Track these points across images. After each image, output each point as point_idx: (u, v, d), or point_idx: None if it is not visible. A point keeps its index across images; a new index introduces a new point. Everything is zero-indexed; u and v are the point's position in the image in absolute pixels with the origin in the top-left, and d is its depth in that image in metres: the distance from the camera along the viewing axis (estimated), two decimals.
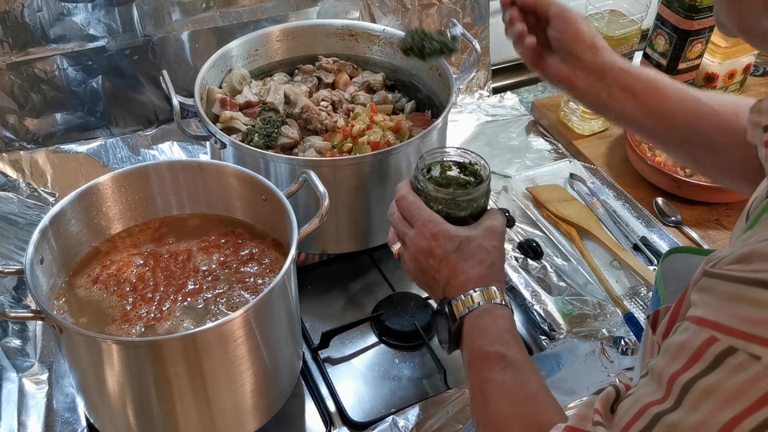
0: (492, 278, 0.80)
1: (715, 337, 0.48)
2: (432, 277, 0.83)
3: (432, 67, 1.24)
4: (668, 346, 0.52)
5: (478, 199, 0.86)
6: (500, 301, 0.78)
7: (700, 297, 0.52)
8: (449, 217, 0.84)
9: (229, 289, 0.91)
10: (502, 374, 0.72)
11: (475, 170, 0.89)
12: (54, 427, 0.94)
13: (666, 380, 0.50)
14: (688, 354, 0.49)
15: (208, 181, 0.99)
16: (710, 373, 0.47)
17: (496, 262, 0.82)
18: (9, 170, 1.29)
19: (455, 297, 0.79)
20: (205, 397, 0.83)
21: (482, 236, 0.83)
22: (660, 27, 1.48)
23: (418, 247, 0.84)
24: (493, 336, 0.75)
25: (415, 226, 0.84)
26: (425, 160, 0.89)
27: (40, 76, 1.28)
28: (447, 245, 0.81)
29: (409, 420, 0.94)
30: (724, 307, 0.49)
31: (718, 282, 0.50)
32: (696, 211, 1.31)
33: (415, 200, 0.85)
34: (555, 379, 0.99)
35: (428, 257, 0.83)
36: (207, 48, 1.34)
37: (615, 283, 1.16)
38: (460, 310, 0.78)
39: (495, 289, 0.79)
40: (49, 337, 1.04)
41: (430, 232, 0.82)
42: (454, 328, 0.78)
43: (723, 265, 0.51)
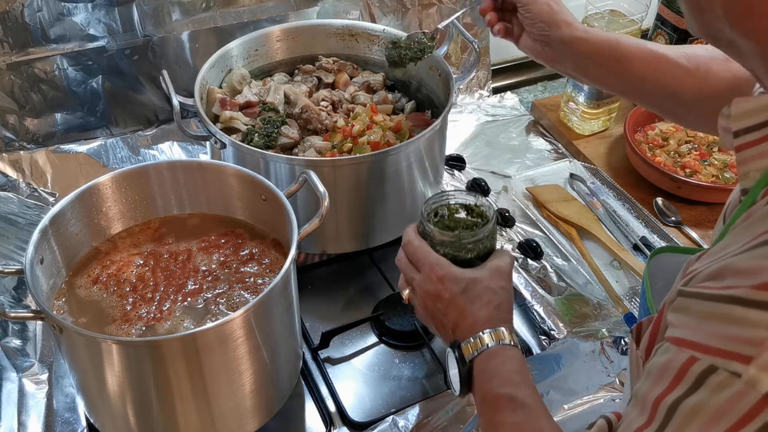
0: (500, 319, 0.79)
1: (695, 357, 0.48)
2: (440, 320, 0.82)
3: (432, 67, 1.24)
4: (650, 368, 0.52)
5: (484, 241, 0.84)
6: (509, 342, 0.77)
7: (676, 317, 0.52)
8: (456, 260, 0.83)
9: (229, 289, 0.91)
10: (513, 416, 0.71)
11: (480, 211, 0.88)
12: (54, 427, 0.94)
13: (650, 403, 0.50)
14: (670, 375, 0.49)
15: (208, 181, 0.99)
16: (693, 393, 0.47)
17: (503, 302, 0.81)
18: (9, 170, 1.29)
19: (464, 340, 0.78)
20: (205, 397, 0.83)
21: (489, 277, 0.82)
22: (660, 27, 1.48)
23: (426, 291, 0.83)
24: (502, 377, 0.74)
25: (422, 271, 0.84)
26: (430, 204, 0.88)
27: (40, 76, 1.28)
28: (453, 288, 0.80)
29: (409, 420, 0.94)
30: (701, 326, 0.49)
31: (693, 301, 0.51)
32: (696, 211, 1.31)
33: (421, 244, 0.85)
34: (555, 379, 0.99)
35: (436, 301, 0.82)
36: (207, 48, 1.34)
37: (615, 283, 1.16)
38: (470, 352, 0.77)
39: (504, 330, 0.77)
40: (49, 337, 1.04)
41: (437, 275, 0.81)
42: (464, 371, 0.77)
43: (696, 283, 0.51)
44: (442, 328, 0.83)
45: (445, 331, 0.82)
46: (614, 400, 0.97)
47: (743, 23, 0.54)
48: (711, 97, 0.89)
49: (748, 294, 0.46)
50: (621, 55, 0.94)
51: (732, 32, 0.55)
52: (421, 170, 1.13)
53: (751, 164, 0.54)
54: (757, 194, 0.53)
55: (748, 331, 0.46)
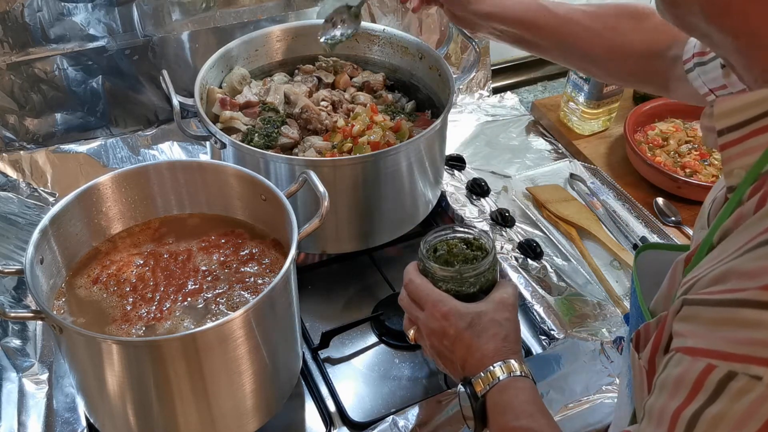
0: (509, 350, 0.78)
1: (712, 365, 0.47)
2: (448, 358, 0.82)
3: (432, 67, 1.24)
4: (663, 382, 0.51)
5: (486, 273, 0.84)
6: (520, 373, 0.76)
7: (685, 326, 0.51)
8: (459, 295, 0.83)
9: (229, 289, 0.91)
10: None
11: (480, 244, 0.87)
12: (54, 427, 0.94)
13: (668, 417, 0.49)
14: (687, 386, 0.48)
15: (208, 181, 0.99)
16: (714, 402, 0.46)
17: (510, 334, 0.80)
18: (9, 170, 1.29)
19: (474, 375, 0.77)
20: (205, 397, 0.83)
21: (494, 310, 0.81)
22: None
23: (431, 329, 0.82)
24: (516, 410, 0.74)
25: (425, 309, 0.83)
26: (429, 241, 0.88)
27: (40, 76, 1.28)
28: (459, 323, 0.80)
29: (409, 420, 0.94)
30: (713, 332, 0.48)
31: (701, 308, 0.50)
32: (696, 211, 1.29)
33: (422, 282, 0.84)
34: (555, 379, 0.99)
35: (442, 338, 0.81)
36: (207, 48, 1.34)
37: (615, 283, 1.16)
38: (481, 387, 0.76)
39: (513, 362, 0.77)
40: (49, 337, 1.04)
41: (440, 312, 0.81)
42: (477, 407, 0.76)
43: (700, 289, 0.51)
44: (451, 365, 0.82)
45: (454, 368, 0.82)
46: (614, 400, 0.97)
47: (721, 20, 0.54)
48: (621, 58, 0.96)
49: (757, 296, 0.46)
50: (528, 21, 1.00)
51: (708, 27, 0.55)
52: (421, 170, 1.14)
53: (735, 162, 0.54)
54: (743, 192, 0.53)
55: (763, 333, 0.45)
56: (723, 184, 0.59)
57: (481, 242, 0.87)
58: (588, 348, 1.03)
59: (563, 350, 1.03)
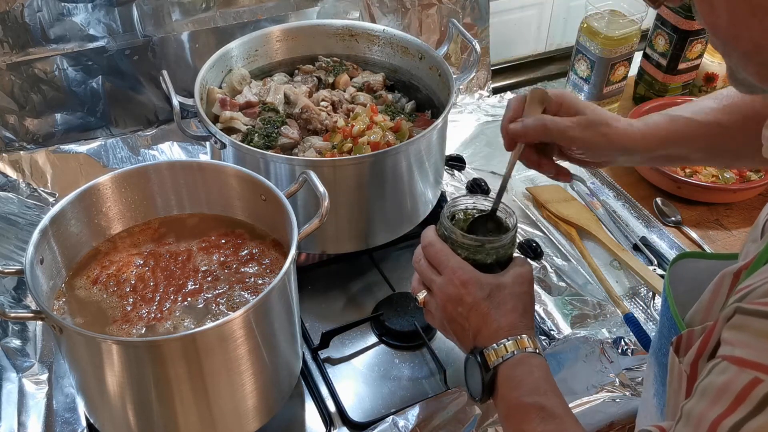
0: (524, 326, 0.78)
1: (759, 379, 0.46)
2: (461, 325, 0.81)
3: (432, 67, 1.24)
4: (706, 388, 0.50)
5: (506, 247, 0.84)
6: (533, 350, 0.76)
7: (735, 335, 0.50)
8: (476, 265, 0.82)
9: (229, 289, 0.91)
10: (543, 426, 0.70)
11: (501, 217, 0.87)
12: (54, 427, 0.94)
13: (708, 425, 0.49)
14: (730, 397, 0.48)
15: (208, 181, 0.99)
16: (756, 417, 0.46)
17: (527, 310, 0.80)
18: (9, 170, 1.29)
19: (487, 346, 0.77)
20: (205, 397, 0.83)
21: (512, 284, 0.81)
22: (660, 27, 1.48)
23: (447, 294, 0.81)
24: (529, 387, 0.73)
25: (443, 273, 0.82)
26: (451, 207, 0.87)
27: (40, 76, 1.28)
28: (477, 293, 0.79)
29: (409, 420, 0.94)
30: (763, 345, 0.47)
31: (754, 319, 0.49)
32: (696, 211, 1.31)
33: (443, 247, 0.83)
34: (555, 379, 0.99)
35: (457, 305, 0.80)
36: (207, 48, 1.34)
37: (615, 283, 1.16)
38: (493, 359, 0.76)
39: (527, 338, 0.77)
40: (49, 337, 1.04)
41: (460, 279, 0.80)
42: (487, 379, 0.76)
43: (755, 299, 0.50)
44: (462, 333, 0.81)
45: (465, 336, 0.81)
46: (614, 400, 0.97)
47: None
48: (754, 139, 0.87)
49: None
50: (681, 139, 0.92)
51: None
52: (421, 170, 1.13)
53: None
54: None
55: None
56: None
57: (500, 216, 0.87)
58: (588, 348, 1.03)
59: (563, 350, 1.03)
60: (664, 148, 0.92)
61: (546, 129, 0.89)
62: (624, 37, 1.39)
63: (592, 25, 1.43)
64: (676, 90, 1.55)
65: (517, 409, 0.73)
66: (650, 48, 1.52)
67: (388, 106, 1.25)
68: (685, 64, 1.50)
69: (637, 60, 1.56)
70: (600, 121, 0.90)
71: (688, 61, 1.50)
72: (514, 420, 0.73)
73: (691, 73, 1.53)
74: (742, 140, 0.90)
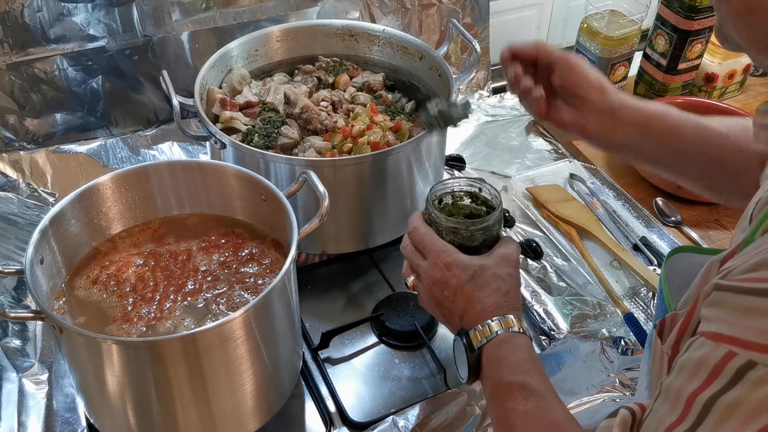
0: (509, 306, 0.79)
1: (733, 352, 0.47)
2: (447, 308, 0.82)
3: (432, 67, 1.24)
4: (684, 363, 0.51)
5: (491, 228, 0.84)
6: (518, 329, 0.77)
7: (712, 311, 0.51)
8: (462, 248, 0.83)
9: (229, 289, 0.91)
10: (525, 403, 0.71)
11: (485, 199, 0.88)
12: (54, 427, 0.94)
13: (684, 399, 0.49)
14: (706, 371, 0.48)
15: (208, 181, 0.99)
16: (731, 389, 0.47)
17: (511, 290, 0.81)
18: (9, 170, 1.29)
19: (472, 327, 0.78)
20: (205, 397, 0.83)
21: (496, 264, 0.81)
22: (660, 27, 1.48)
23: (432, 278, 0.82)
24: (513, 365, 0.74)
25: (428, 258, 0.83)
26: (436, 191, 0.87)
27: (40, 76, 1.28)
28: (461, 275, 0.80)
29: (409, 420, 0.94)
30: (739, 320, 0.48)
31: (731, 295, 0.50)
32: (696, 211, 1.31)
33: (427, 231, 0.84)
34: (555, 379, 0.99)
35: (443, 288, 0.81)
36: (207, 48, 1.34)
37: (615, 283, 1.16)
38: (478, 339, 0.77)
39: (512, 318, 0.77)
40: (49, 337, 1.04)
41: (444, 262, 0.81)
42: (472, 359, 0.77)
43: (734, 276, 0.50)
44: (449, 315, 0.82)
45: (452, 318, 0.82)
46: (614, 400, 0.97)
47: None
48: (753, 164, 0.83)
49: None
50: (671, 124, 0.89)
51: None
52: (421, 170, 1.14)
53: None
54: None
55: None
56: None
57: (487, 197, 0.87)
58: (588, 348, 1.03)
59: (563, 350, 1.03)
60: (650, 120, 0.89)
61: (545, 46, 0.89)
62: (624, 37, 1.40)
63: (592, 25, 1.43)
64: (676, 90, 1.55)
65: (501, 388, 0.74)
66: (650, 48, 1.52)
67: (388, 106, 1.25)
68: (685, 64, 1.50)
69: (637, 60, 1.56)
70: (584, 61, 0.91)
71: (688, 61, 1.50)
72: (498, 399, 0.74)
73: (691, 73, 1.54)
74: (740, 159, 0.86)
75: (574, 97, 0.90)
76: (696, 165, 0.90)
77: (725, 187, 0.91)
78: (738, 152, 0.86)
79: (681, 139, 0.89)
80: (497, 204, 0.86)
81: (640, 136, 0.90)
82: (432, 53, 1.24)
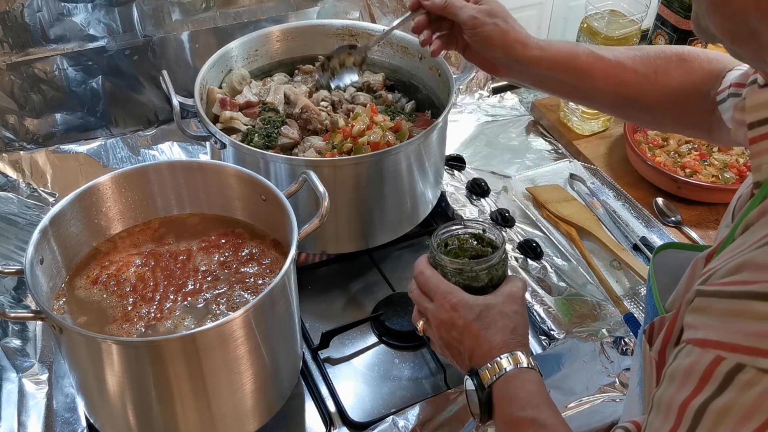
0: (516, 343, 0.78)
1: (720, 357, 0.47)
2: (456, 348, 0.82)
3: (432, 67, 1.24)
4: (673, 373, 0.51)
5: (495, 267, 0.84)
6: (527, 365, 0.77)
7: (697, 318, 0.51)
8: (469, 288, 0.83)
9: (229, 289, 0.91)
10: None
11: (490, 239, 0.88)
12: (54, 427, 0.94)
13: (677, 408, 0.49)
14: (695, 378, 0.48)
15: (208, 181, 0.99)
16: (722, 394, 0.47)
17: (518, 326, 0.80)
18: (9, 170, 1.29)
19: (481, 366, 0.77)
20: (205, 397, 0.83)
21: (502, 303, 0.81)
22: (660, 27, 1.48)
23: (440, 320, 0.82)
24: (522, 401, 0.74)
25: (434, 300, 0.83)
26: (440, 235, 0.88)
27: (40, 76, 1.28)
28: (467, 315, 0.80)
29: (409, 420, 0.94)
30: (724, 324, 0.48)
31: (714, 300, 0.50)
32: (696, 211, 1.31)
33: (433, 274, 0.84)
34: (555, 379, 0.99)
35: (450, 329, 0.81)
36: (207, 48, 1.34)
37: (615, 283, 1.16)
38: (488, 378, 0.76)
39: (521, 354, 0.77)
40: (49, 337, 1.04)
41: (450, 303, 0.81)
42: (483, 398, 0.76)
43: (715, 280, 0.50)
44: (459, 356, 0.82)
45: (461, 359, 0.82)
46: (614, 400, 0.97)
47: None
48: (672, 103, 0.92)
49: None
50: (579, 68, 0.93)
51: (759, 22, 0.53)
52: (421, 170, 1.14)
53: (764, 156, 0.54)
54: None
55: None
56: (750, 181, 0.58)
57: (491, 237, 0.88)
58: (588, 348, 1.03)
59: (563, 350, 1.03)
60: (560, 69, 0.94)
61: (453, 8, 0.94)
62: (624, 37, 1.39)
63: (592, 25, 1.42)
64: None
65: (511, 424, 0.74)
66: None
67: (388, 106, 1.25)
68: None
69: None
70: (502, 15, 0.94)
71: None
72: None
73: None
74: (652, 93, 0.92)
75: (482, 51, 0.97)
76: (608, 101, 0.97)
77: (642, 115, 0.99)
78: (652, 87, 0.92)
79: (590, 79, 0.94)
80: (500, 243, 0.86)
81: (551, 83, 0.97)
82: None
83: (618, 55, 0.94)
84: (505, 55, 0.94)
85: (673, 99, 0.92)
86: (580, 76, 0.94)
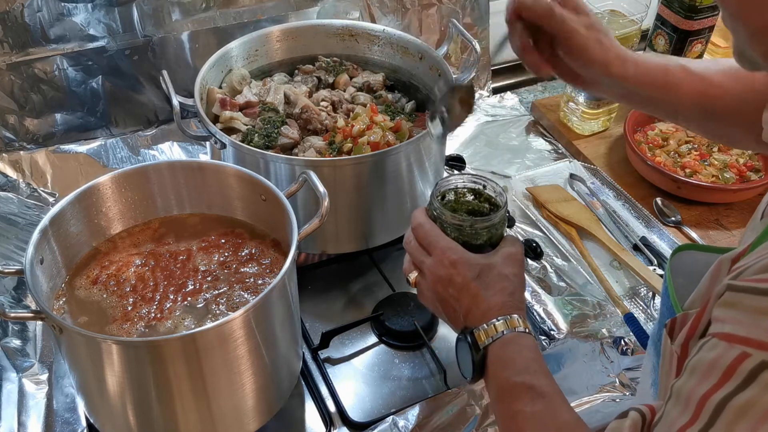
0: (514, 306, 0.78)
1: (746, 353, 0.47)
2: (451, 306, 0.82)
3: (432, 67, 1.24)
4: (695, 365, 0.51)
5: (496, 226, 0.84)
6: (523, 330, 0.76)
7: (726, 312, 0.51)
8: (466, 245, 0.82)
9: (229, 289, 0.91)
10: (532, 405, 0.70)
11: (490, 196, 0.87)
12: (54, 427, 0.94)
13: (696, 401, 0.49)
14: (718, 373, 0.48)
15: (208, 181, 0.99)
16: (743, 391, 0.46)
17: (517, 289, 0.80)
18: (9, 170, 1.29)
19: (477, 326, 0.77)
20: (205, 397, 0.83)
21: (502, 263, 0.81)
22: (660, 27, 1.48)
23: (437, 275, 0.82)
24: (519, 366, 0.74)
25: (433, 254, 0.82)
26: (440, 187, 0.87)
27: (40, 76, 1.28)
28: (467, 273, 0.80)
29: (409, 420, 0.94)
30: (754, 321, 0.48)
31: (744, 296, 0.49)
32: (696, 211, 1.31)
33: (432, 228, 0.83)
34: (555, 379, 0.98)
35: (447, 286, 0.81)
36: (207, 48, 1.34)
37: (615, 283, 1.16)
38: (483, 339, 0.76)
39: (518, 318, 0.77)
40: (49, 337, 1.04)
41: (449, 259, 0.80)
42: (477, 358, 0.76)
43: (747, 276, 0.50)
44: (453, 313, 0.82)
45: (455, 316, 0.82)
46: (614, 400, 0.97)
47: None
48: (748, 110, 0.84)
49: None
50: (669, 82, 0.88)
51: None
52: (421, 170, 1.14)
53: None
54: None
55: None
56: None
57: (492, 194, 0.87)
58: (588, 348, 1.03)
59: (563, 350, 1.03)
60: (651, 85, 0.87)
61: (551, 11, 0.83)
62: (624, 37, 1.39)
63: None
64: None
65: (508, 389, 0.73)
66: (650, 48, 1.52)
67: (388, 106, 1.25)
68: None
69: None
70: (601, 29, 0.86)
71: None
72: (505, 400, 0.73)
73: None
74: (735, 108, 0.86)
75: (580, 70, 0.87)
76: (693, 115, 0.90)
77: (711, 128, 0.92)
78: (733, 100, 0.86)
79: (678, 93, 0.87)
80: (502, 202, 0.85)
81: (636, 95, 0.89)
82: (432, 53, 1.24)
83: (706, 69, 0.88)
84: (601, 72, 0.86)
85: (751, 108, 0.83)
86: (669, 90, 0.88)
